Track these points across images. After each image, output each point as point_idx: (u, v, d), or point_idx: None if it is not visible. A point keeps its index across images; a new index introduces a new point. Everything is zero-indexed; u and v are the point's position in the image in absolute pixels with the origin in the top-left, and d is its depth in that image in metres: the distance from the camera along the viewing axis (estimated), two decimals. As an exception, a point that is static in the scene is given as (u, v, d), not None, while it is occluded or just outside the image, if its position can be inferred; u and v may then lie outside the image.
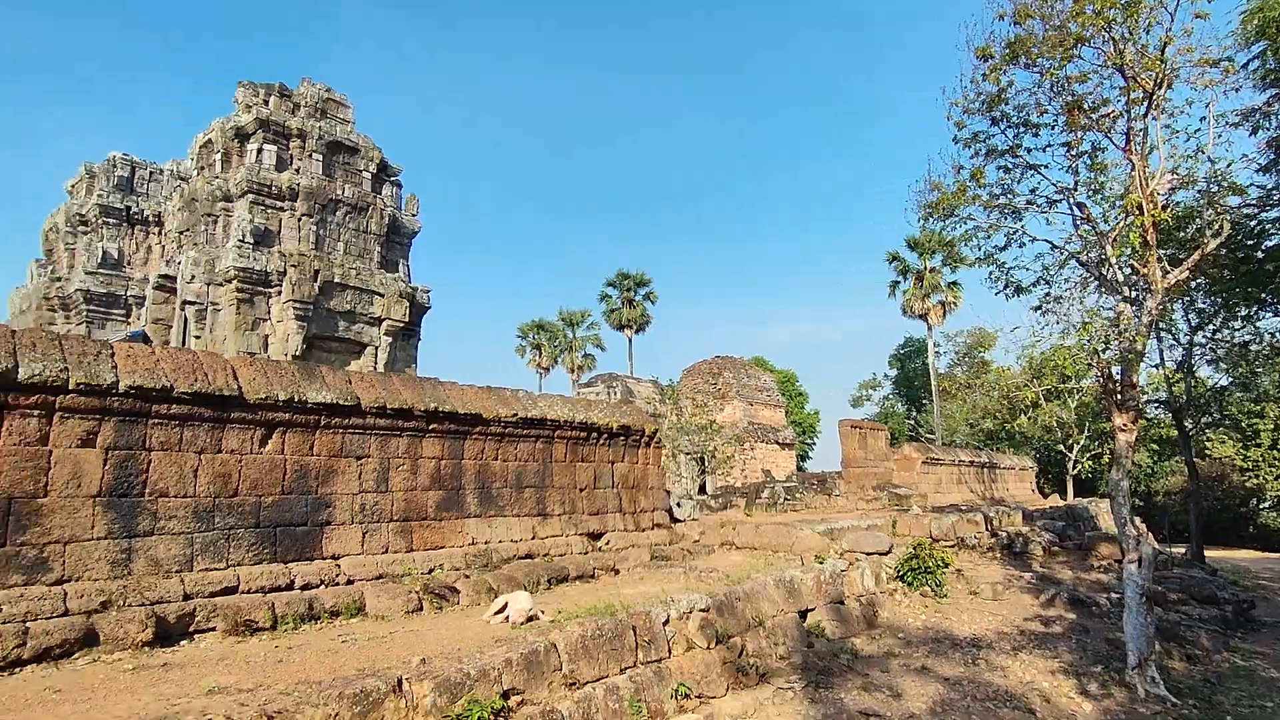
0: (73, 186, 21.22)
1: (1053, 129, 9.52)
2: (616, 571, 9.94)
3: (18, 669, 5.16)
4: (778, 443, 32.53)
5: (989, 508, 19.44)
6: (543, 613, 6.70)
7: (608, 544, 10.65)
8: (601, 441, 11.08)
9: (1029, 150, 9.75)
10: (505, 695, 5.01)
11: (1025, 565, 14.18)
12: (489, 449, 9.35)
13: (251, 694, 4.47)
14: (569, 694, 5.47)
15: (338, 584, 7.27)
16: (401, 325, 17.19)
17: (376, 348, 16.83)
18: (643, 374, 38.68)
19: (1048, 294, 10.48)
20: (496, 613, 6.65)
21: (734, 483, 28.35)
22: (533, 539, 9.63)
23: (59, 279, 20.05)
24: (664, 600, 7.16)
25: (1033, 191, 10.01)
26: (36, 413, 5.76)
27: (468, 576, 8.13)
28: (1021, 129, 9.64)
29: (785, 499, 20.80)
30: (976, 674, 8.10)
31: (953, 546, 14.09)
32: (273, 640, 6.13)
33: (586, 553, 10.15)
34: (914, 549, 11.76)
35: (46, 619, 5.46)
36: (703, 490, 25.71)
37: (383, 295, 16.85)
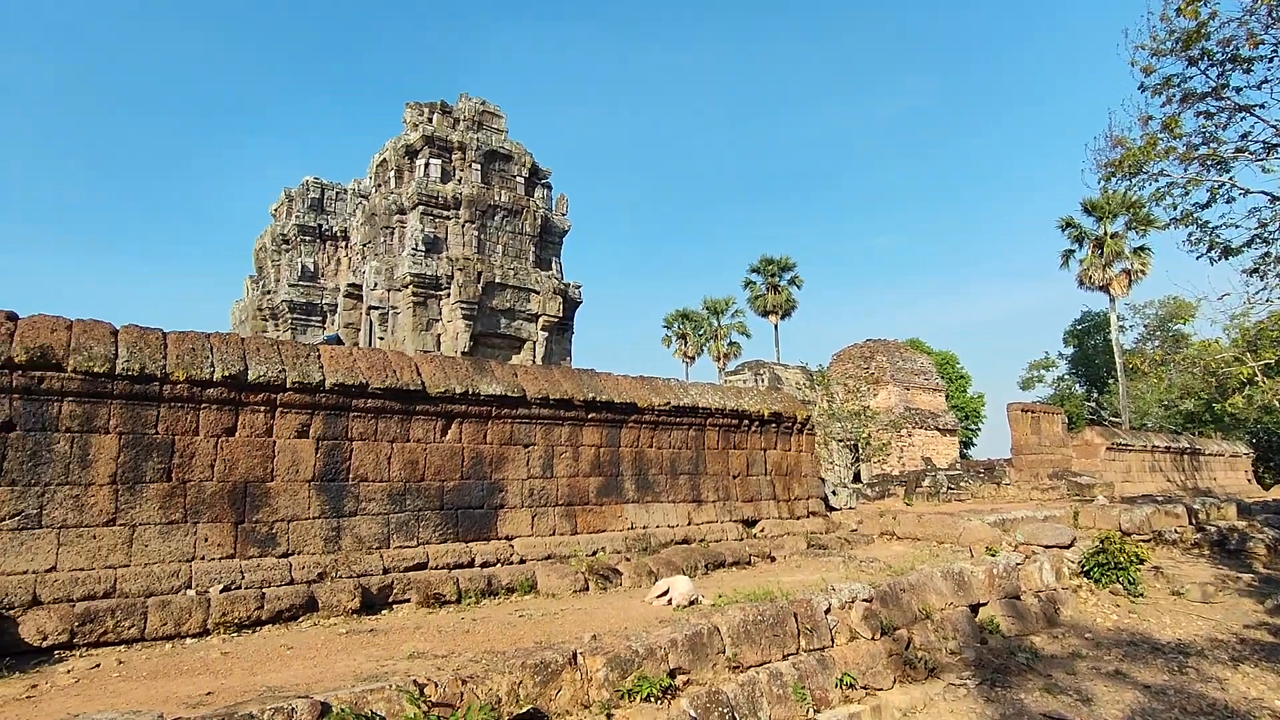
0: (275, 210, 24.22)
1: (1270, 61, 8.26)
2: (772, 559, 9.91)
3: (258, 628, 6.03)
4: (938, 428, 30.75)
5: (1192, 499, 17.29)
6: (703, 597, 6.83)
7: (762, 531, 10.63)
8: (753, 429, 11.06)
9: (1238, 90, 8.52)
10: (672, 674, 5.19)
11: (1243, 565, 12.49)
12: (644, 437, 9.63)
13: (446, 660, 4.93)
14: (733, 676, 5.56)
15: (511, 563, 7.82)
16: (556, 320, 18.06)
17: (534, 342, 17.80)
18: (790, 360, 37.93)
19: (1266, 254, 9.12)
20: (659, 595, 6.87)
21: (890, 471, 27.19)
22: (688, 525, 9.81)
23: (268, 292, 22.96)
24: (824, 589, 7.05)
25: (1244, 137, 8.75)
26: (263, 409, 6.68)
27: (628, 559, 8.45)
28: (1228, 66, 8.44)
29: (948, 488, 19.70)
30: (1184, 684, 7.29)
31: (1148, 541, 12.69)
32: (458, 612, 6.72)
33: (741, 539, 10.20)
34: (1101, 543, 10.73)
35: (277, 586, 6.33)
36: (857, 478, 24.90)
37: (538, 293, 17.78)
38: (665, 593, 6.86)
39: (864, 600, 7.05)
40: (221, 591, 6.06)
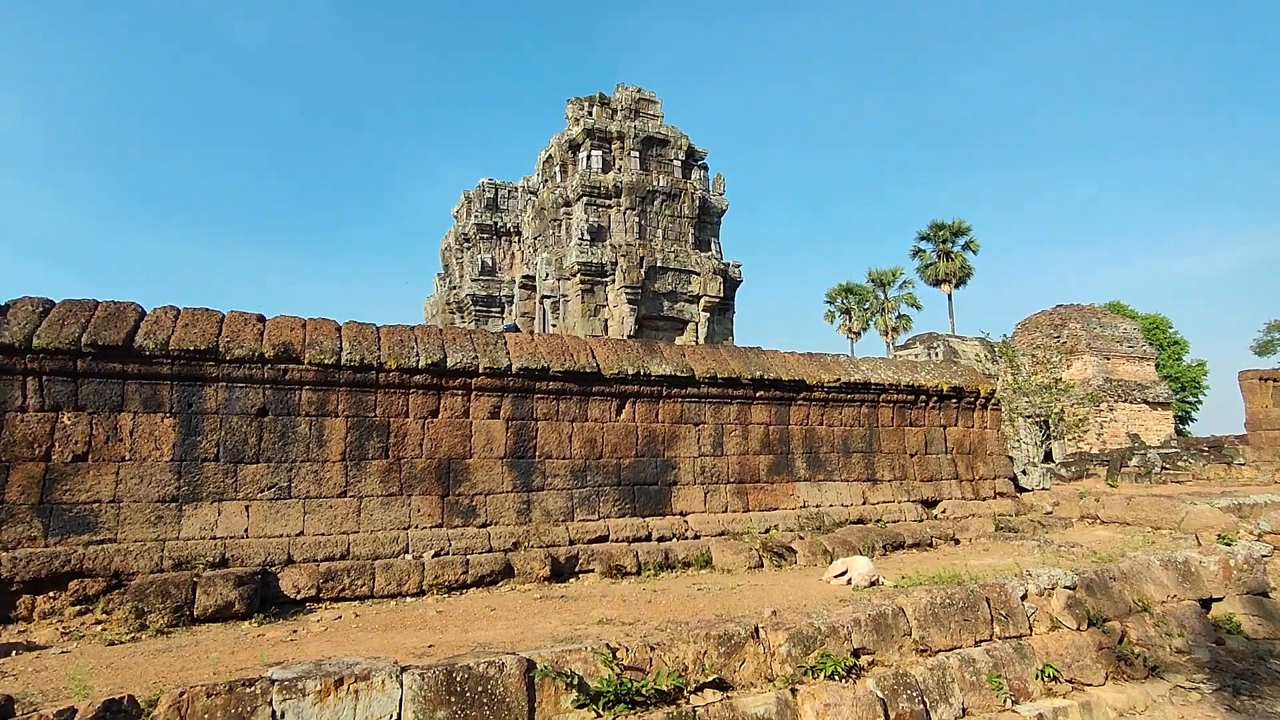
0: (456, 211, 26.28)
1: None
2: (956, 541, 9.38)
3: (464, 590, 6.68)
4: (1146, 402, 27.41)
5: None
6: (884, 579, 6.64)
7: (944, 512, 10.09)
8: (930, 405, 10.49)
9: None
10: (856, 654, 5.11)
11: None
12: (813, 414, 9.46)
13: (632, 627, 5.19)
14: (920, 660, 5.37)
15: (686, 538, 8.04)
16: (717, 300, 18.11)
17: (696, 323, 17.98)
18: (966, 331, 35.29)
19: None
20: (837, 575, 6.76)
21: (1088, 449, 24.70)
22: (863, 504, 9.53)
23: (454, 287, 25.02)
24: (1019, 573, 6.58)
25: None
26: (460, 393, 7.34)
27: (801, 538, 8.38)
28: None
29: (1161, 467, 17.54)
30: None
31: None
32: (639, 583, 7.02)
33: (921, 520, 9.75)
34: (1374, 534, 9.06)
35: (479, 554, 6.96)
36: (1048, 457, 22.84)
37: (699, 274, 17.92)
38: (844, 572, 6.74)
39: (1066, 587, 6.50)
40: (433, 557, 6.77)
